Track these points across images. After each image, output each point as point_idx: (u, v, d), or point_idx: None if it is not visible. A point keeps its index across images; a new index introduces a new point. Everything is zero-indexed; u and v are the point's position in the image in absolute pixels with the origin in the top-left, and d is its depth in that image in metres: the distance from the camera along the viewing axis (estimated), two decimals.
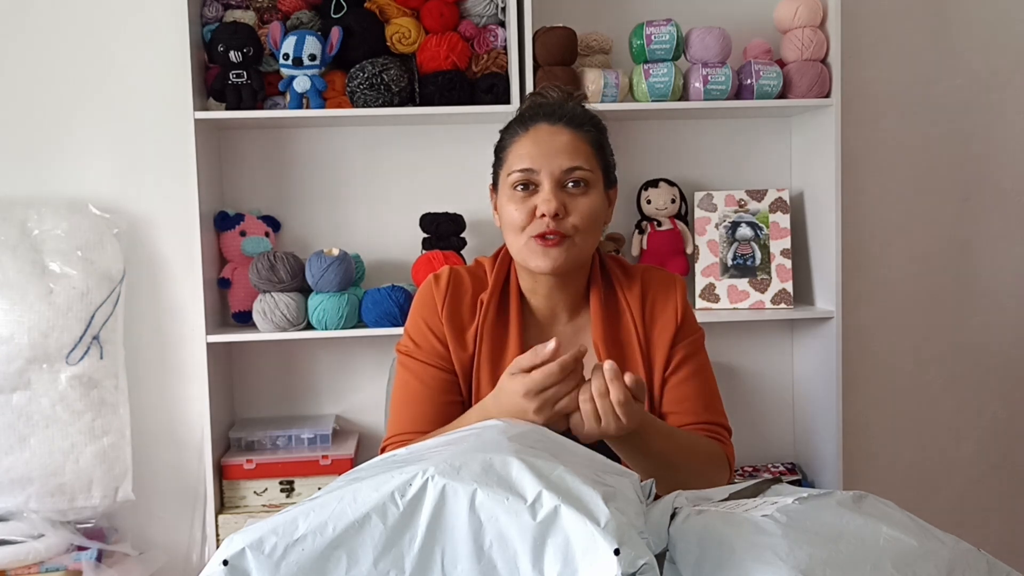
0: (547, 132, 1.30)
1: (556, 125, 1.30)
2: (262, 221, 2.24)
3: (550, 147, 1.28)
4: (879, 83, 2.46)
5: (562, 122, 1.30)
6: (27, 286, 2.06)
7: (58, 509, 2.07)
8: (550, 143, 1.28)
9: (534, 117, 1.32)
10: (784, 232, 2.31)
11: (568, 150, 1.28)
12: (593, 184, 1.30)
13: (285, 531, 0.73)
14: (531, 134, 1.30)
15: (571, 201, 1.28)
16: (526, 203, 1.28)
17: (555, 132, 1.29)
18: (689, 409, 1.33)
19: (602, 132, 1.36)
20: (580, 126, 1.31)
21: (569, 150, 1.28)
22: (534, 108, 1.35)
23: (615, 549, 0.68)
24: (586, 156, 1.29)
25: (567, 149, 1.28)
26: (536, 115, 1.32)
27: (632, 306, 1.36)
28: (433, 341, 1.35)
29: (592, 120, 1.34)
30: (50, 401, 2.06)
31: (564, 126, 1.30)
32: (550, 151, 1.28)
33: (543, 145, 1.28)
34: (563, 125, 1.30)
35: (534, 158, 1.28)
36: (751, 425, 2.43)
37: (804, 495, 0.86)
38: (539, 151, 1.28)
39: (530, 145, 1.29)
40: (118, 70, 2.25)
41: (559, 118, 1.31)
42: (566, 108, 1.33)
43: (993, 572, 0.79)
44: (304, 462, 2.13)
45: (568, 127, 1.30)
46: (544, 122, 1.31)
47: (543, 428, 0.99)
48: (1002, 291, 2.56)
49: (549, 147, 1.28)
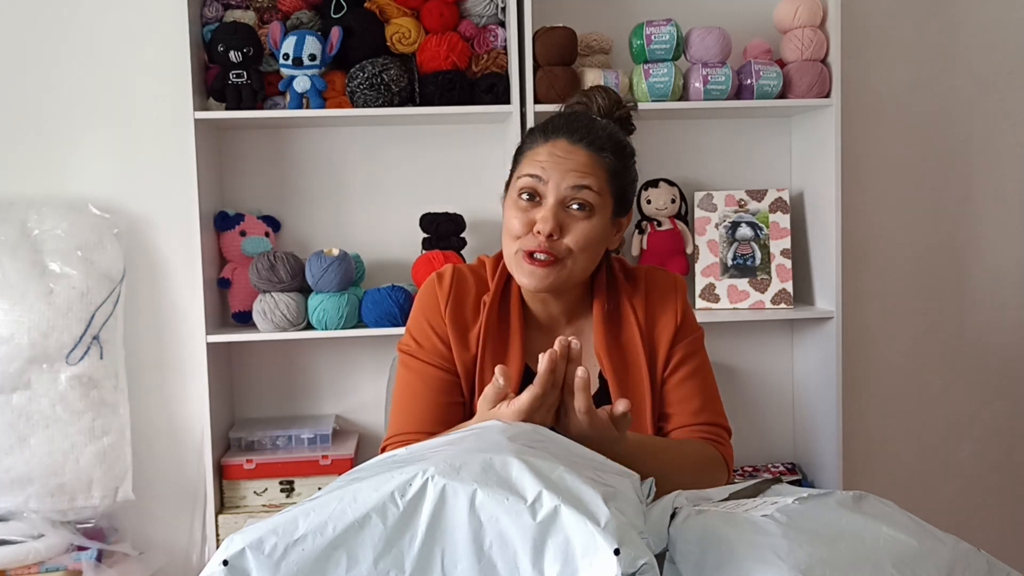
0: (565, 148, 1.28)
1: (577, 144, 1.28)
2: (262, 221, 2.24)
3: (564, 163, 1.27)
4: (879, 83, 2.47)
5: (584, 143, 1.28)
6: (27, 286, 2.06)
7: (58, 509, 2.07)
8: (565, 159, 1.27)
9: (557, 130, 1.31)
10: (784, 232, 2.31)
11: (580, 170, 1.27)
12: (598, 210, 1.28)
13: (285, 531, 0.73)
14: (549, 145, 1.30)
15: (570, 223, 1.27)
16: (527, 214, 1.27)
17: (573, 150, 1.28)
18: (688, 409, 1.33)
19: (624, 159, 1.33)
20: (600, 150, 1.29)
21: (582, 169, 1.27)
22: (561, 120, 1.33)
23: (615, 549, 0.68)
24: (598, 180, 1.27)
25: (580, 168, 1.27)
26: (560, 129, 1.31)
27: (636, 309, 1.36)
28: (436, 341, 1.34)
29: (616, 147, 1.31)
30: (50, 401, 2.06)
31: (584, 147, 1.28)
32: (563, 167, 1.27)
33: (557, 159, 1.28)
34: (584, 146, 1.28)
35: (545, 168, 1.27)
36: (751, 425, 2.43)
37: (804, 495, 0.86)
38: (552, 163, 1.27)
39: (545, 155, 1.29)
40: (118, 70, 2.25)
41: (582, 138, 1.29)
42: (593, 127, 1.31)
43: (993, 572, 0.79)
44: (304, 462, 2.13)
45: (588, 148, 1.28)
46: (566, 137, 1.29)
47: (543, 428, 1.00)
48: (1002, 291, 2.56)
49: (563, 163, 1.27)
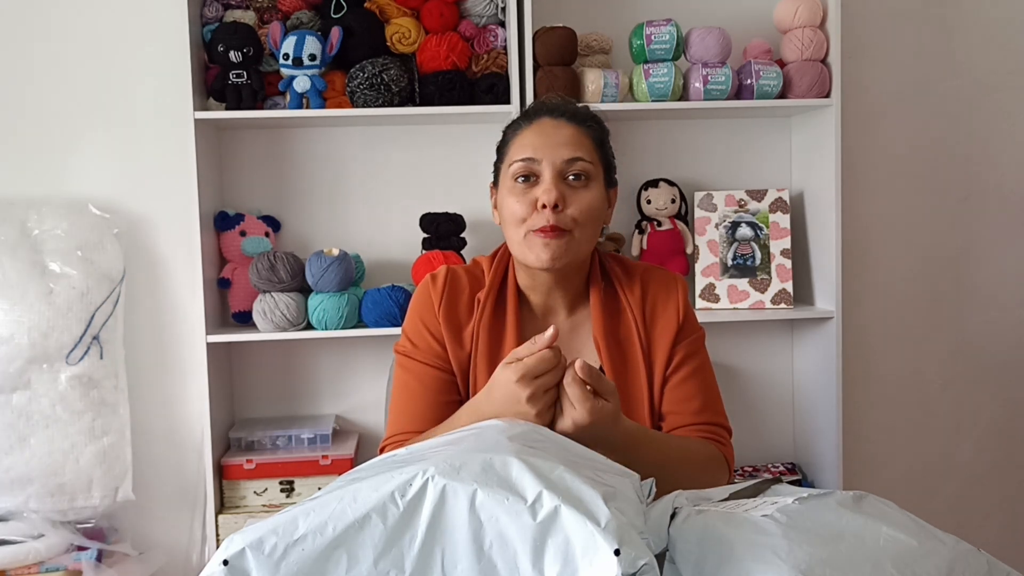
0: (550, 125, 1.32)
1: (559, 119, 1.32)
2: (262, 221, 2.24)
3: (553, 138, 1.30)
4: (879, 83, 2.47)
5: (565, 117, 1.33)
6: (27, 286, 2.06)
7: (58, 509, 2.07)
8: (553, 135, 1.30)
9: (538, 112, 1.35)
10: (784, 232, 2.31)
11: (571, 142, 1.30)
12: (594, 178, 1.31)
13: (285, 531, 0.73)
14: (534, 127, 1.33)
15: (571, 193, 1.28)
16: (526, 195, 1.29)
17: (558, 125, 1.32)
18: (689, 409, 1.33)
19: (604, 131, 1.38)
20: (583, 121, 1.33)
21: (572, 142, 1.30)
22: (537, 105, 1.38)
23: (615, 549, 0.68)
24: (588, 149, 1.31)
25: (569, 141, 1.30)
26: (539, 111, 1.35)
27: (632, 304, 1.36)
28: (430, 341, 1.35)
29: (595, 118, 1.37)
30: (50, 401, 2.06)
31: (567, 121, 1.32)
32: (553, 142, 1.29)
33: (546, 136, 1.30)
34: (566, 120, 1.32)
35: (536, 148, 1.30)
36: (751, 425, 2.43)
37: (804, 495, 0.86)
38: (542, 141, 1.30)
39: (533, 136, 1.31)
40: (118, 70, 2.25)
41: (562, 113, 1.33)
42: (569, 105, 1.36)
43: (993, 572, 0.79)
44: (304, 462, 2.13)
45: (571, 122, 1.32)
46: (547, 116, 1.33)
47: (543, 428, 0.99)
48: (1002, 291, 2.56)
49: (552, 138, 1.30)
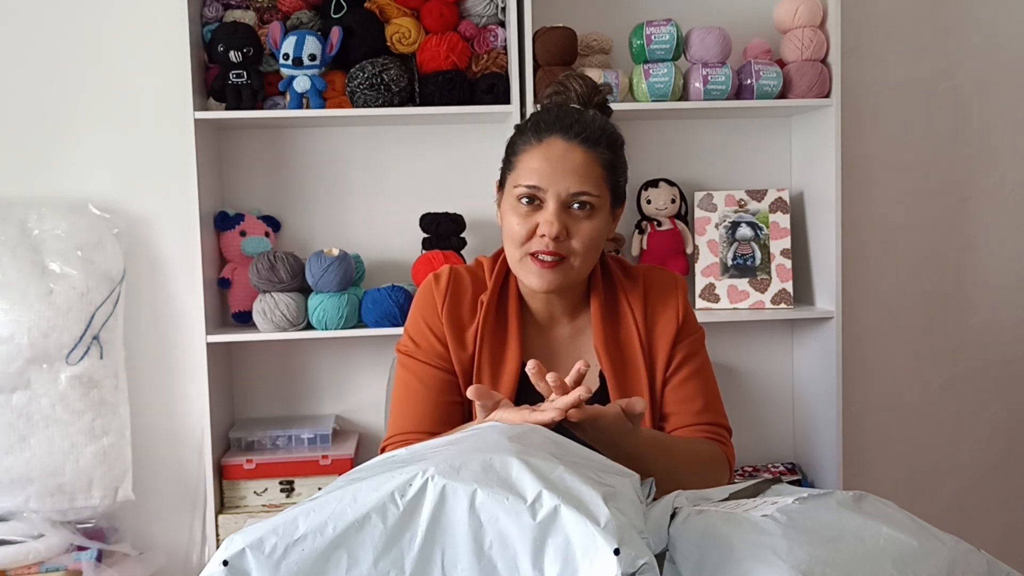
0: (561, 148, 1.27)
1: (571, 142, 1.27)
2: (262, 221, 2.24)
3: (561, 166, 1.26)
4: (879, 83, 2.46)
5: (578, 139, 1.27)
6: (27, 286, 2.05)
7: (58, 509, 2.07)
8: (562, 162, 1.26)
9: (550, 128, 1.29)
10: (784, 232, 2.31)
11: (579, 172, 1.26)
12: (599, 208, 1.28)
13: (285, 531, 0.73)
14: (544, 147, 1.28)
15: (574, 224, 1.27)
16: (529, 219, 1.27)
17: (568, 149, 1.27)
18: (691, 409, 1.33)
19: (617, 151, 1.33)
20: (595, 145, 1.28)
21: (580, 172, 1.26)
22: (550, 118, 1.31)
23: (615, 549, 0.68)
24: (596, 181, 1.27)
25: (578, 171, 1.26)
26: (552, 126, 1.29)
27: (634, 307, 1.36)
28: (433, 341, 1.35)
29: (609, 138, 1.31)
30: (50, 401, 2.06)
31: (579, 144, 1.27)
32: (560, 170, 1.26)
33: (554, 162, 1.26)
34: (578, 143, 1.27)
35: (543, 176, 1.26)
36: (751, 425, 2.43)
37: (804, 495, 0.86)
38: (549, 168, 1.26)
39: (541, 160, 1.27)
40: (118, 70, 2.24)
41: (576, 134, 1.27)
42: (584, 121, 1.29)
43: (993, 572, 0.79)
44: (304, 462, 2.13)
45: (583, 146, 1.27)
46: (559, 136, 1.28)
47: (543, 428, 0.99)
48: (1002, 291, 2.56)
49: (560, 166, 1.26)
